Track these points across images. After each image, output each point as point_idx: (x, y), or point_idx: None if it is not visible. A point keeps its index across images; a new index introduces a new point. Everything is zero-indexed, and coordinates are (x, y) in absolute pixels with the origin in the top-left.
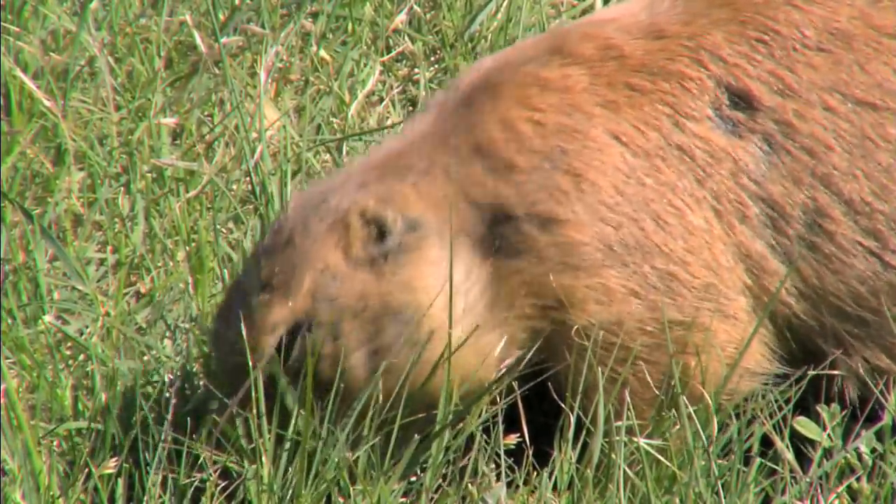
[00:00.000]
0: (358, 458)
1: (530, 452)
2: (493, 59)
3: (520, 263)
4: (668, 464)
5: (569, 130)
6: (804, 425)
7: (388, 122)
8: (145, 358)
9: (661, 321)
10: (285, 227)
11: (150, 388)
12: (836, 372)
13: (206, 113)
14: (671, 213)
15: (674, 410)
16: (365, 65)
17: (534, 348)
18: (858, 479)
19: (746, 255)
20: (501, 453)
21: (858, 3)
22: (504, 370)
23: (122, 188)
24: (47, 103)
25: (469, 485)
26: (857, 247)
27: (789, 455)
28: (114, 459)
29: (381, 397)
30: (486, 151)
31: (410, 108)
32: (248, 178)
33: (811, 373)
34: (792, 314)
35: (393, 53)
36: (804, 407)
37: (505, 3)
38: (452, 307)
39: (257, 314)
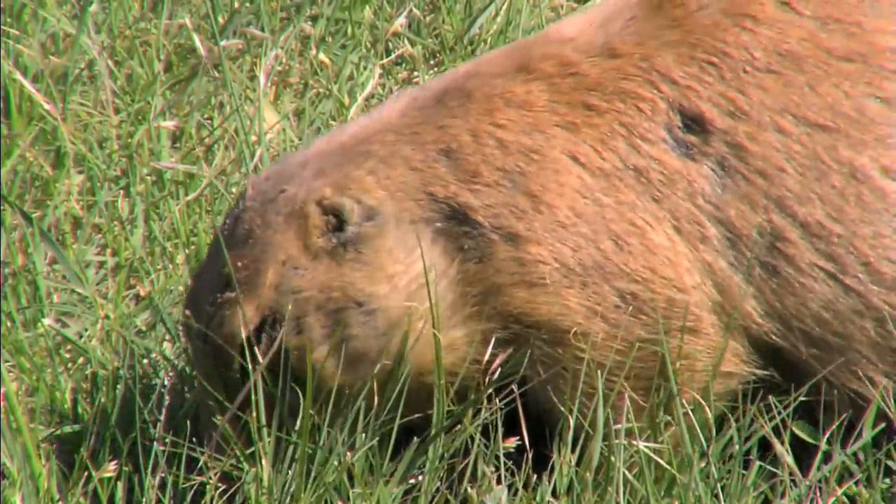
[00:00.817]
0: (357, 460)
1: (530, 455)
2: (466, 66)
3: (481, 270)
4: (667, 467)
5: (528, 151)
6: (803, 429)
7: None
8: (145, 361)
9: (628, 340)
10: (244, 217)
11: (149, 391)
12: (818, 398)
13: (205, 116)
14: (632, 233)
15: (669, 416)
16: (364, 68)
17: (511, 351)
18: (857, 483)
19: (711, 272)
20: (501, 456)
21: (808, 25)
22: (495, 373)
23: (121, 191)
24: (47, 106)
25: (468, 488)
26: (816, 270)
27: (789, 458)
28: (113, 462)
29: (349, 391)
30: (453, 154)
31: None
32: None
33: (794, 396)
34: (764, 332)
35: (392, 56)
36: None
37: (504, 7)
38: (433, 303)
39: (224, 312)
